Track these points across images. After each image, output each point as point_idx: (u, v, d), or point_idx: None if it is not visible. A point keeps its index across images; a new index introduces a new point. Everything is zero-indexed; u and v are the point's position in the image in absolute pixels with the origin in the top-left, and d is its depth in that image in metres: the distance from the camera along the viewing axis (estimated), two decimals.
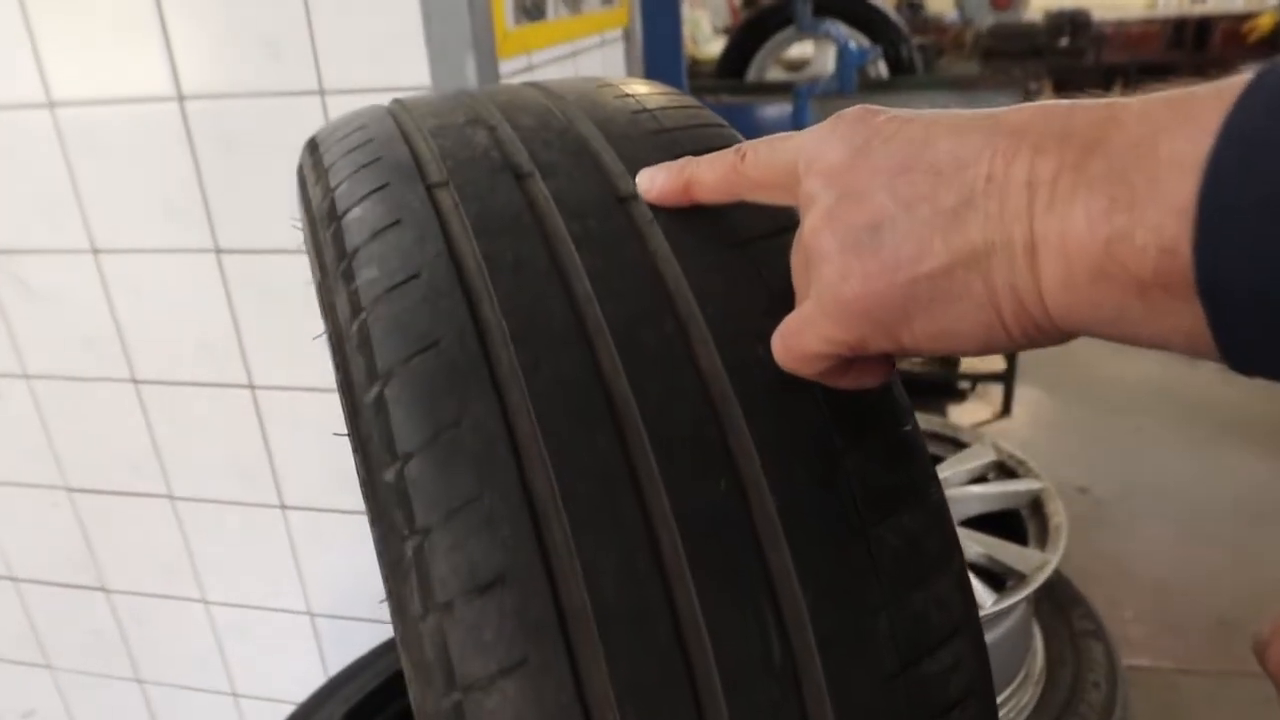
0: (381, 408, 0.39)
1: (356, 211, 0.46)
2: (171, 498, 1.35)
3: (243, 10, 1.02)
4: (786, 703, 0.36)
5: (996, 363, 3.16)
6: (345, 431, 0.45)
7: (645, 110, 0.53)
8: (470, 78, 0.97)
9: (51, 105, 1.12)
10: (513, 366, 0.39)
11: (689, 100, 0.57)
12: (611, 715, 0.34)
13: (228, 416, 1.26)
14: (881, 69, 3.00)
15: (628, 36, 1.62)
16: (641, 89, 0.58)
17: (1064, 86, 5.00)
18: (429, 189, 0.46)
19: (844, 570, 0.38)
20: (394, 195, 0.46)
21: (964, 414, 3.19)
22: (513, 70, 1.08)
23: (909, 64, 3.03)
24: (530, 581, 0.35)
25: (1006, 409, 3.15)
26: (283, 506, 1.30)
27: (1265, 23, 4.58)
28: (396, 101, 0.60)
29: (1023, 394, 3.21)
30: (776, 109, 2.16)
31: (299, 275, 1.07)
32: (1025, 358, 3.26)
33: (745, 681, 0.36)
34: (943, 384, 3.25)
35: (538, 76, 1.17)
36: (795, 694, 0.36)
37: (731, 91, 2.66)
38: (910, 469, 0.42)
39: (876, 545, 0.39)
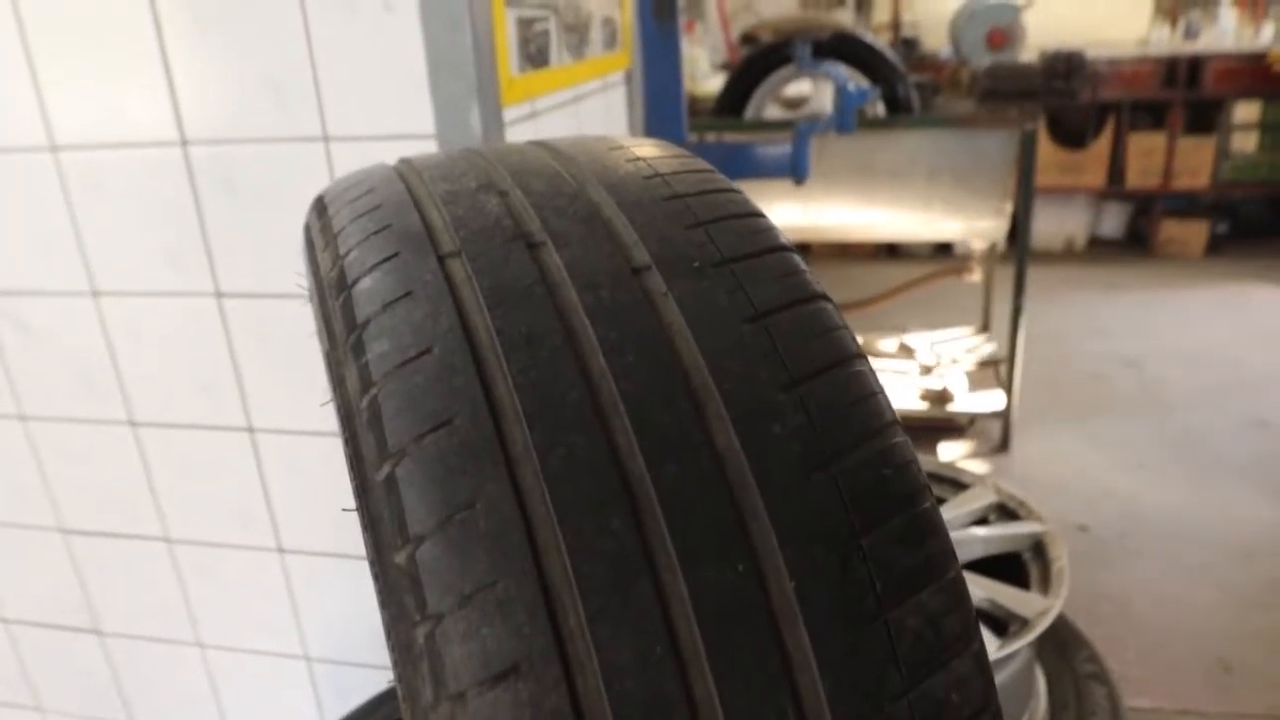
0: (393, 487, 0.39)
1: (367, 282, 0.45)
2: (168, 540, 1.33)
3: (247, 55, 1.02)
4: None
5: (995, 400, 3.15)
6: (352, 506, 0.44)
7: (658, 175, 0.53)
8: (475, 126, 0.97)
9: (54, 149, 1.12)
10: (527, 447, 0.38)
11: (700, 164, 0.57)
12: None
13: (226, 459, 1.25)
14: (880, 108, 3.03)
15: (629, 79, 1.63)
16: (653, 152, 0.57)
17: (1059, 124, 5.05)
18: (441, 259, 0.45)
19: (863, 657, 0.38)
20: (406, 265, 0.45)
21: (962, 450, 3.18)
22: (516, 116, 1.08)
23: (906, 103, 3.05)
24: (546, 672, 0.35)
25: (1004, 445, 3.15)
26: (280, 550, 1.29)
27: None
28: (404, 161, 0.60)
29: (1021, 431, 3.20)
30: (776, 147, 2.17)
31: (300, 319, 1.07)
32: (1024, 396, 3.27)
33: None
34: (942, 421, 3.24)
35: (541, 122, 1.18)
36: None
37: (732, 129, 2.68)
38: (929, 548, 0.41)
39: (896, 628, 0.39)
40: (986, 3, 3.60)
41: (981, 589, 1.47)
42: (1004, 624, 1.44)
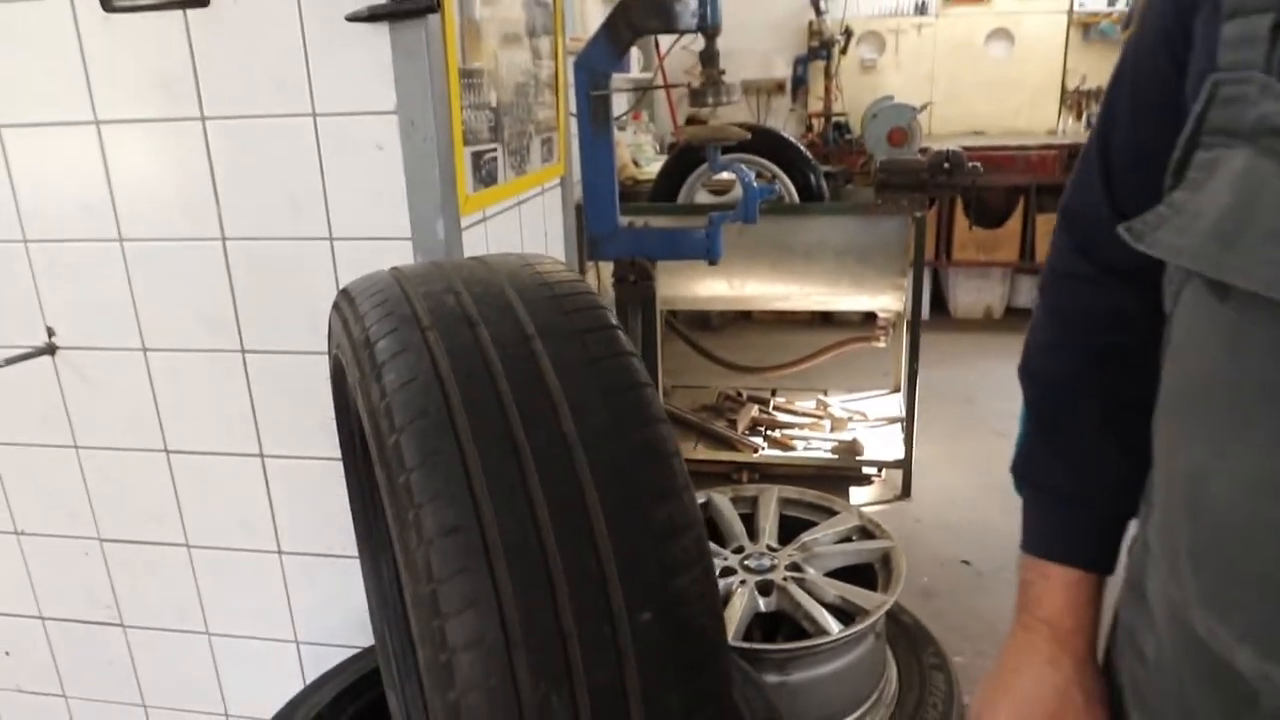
0: (397, 447, 0.77)
1: (382, 342, 0.84)
2: (188, 546, 1.68)
3: (275, 179, 1.41)
4: None
5: (896, 451, 3.57)
6: (350, 477, 0.82)
7: (545, 282, 0.93)
8: (440, 233, 1.36)
9: (122, 240, 1.50)
10: (465, 426, 0.77)
11: (572, 274, 0.97)
12: None
13: (241, 479, 1.60)
14: (794, 194, 3.48)
15: (563, 183, 2.04)
16: (545, 265, 0.97)
17: (979, 206, 5.57)
18: (422, 331, 0.84)
19: (647, 541, 0.76)
20: (402, 334, 0.84)
21: (869, 495, 3.58)
22: (471, 223, 1.48)
23: (818, 190, 3.51)
24: (472, 529, 0.73)
25: (906, 492, 3.56)
26: (280, 552, 1.64)
27: None
28: (396, 270, 0.99)
29: (923, 479, 3.61)
30: (694, 233, 2.59)
31: (305, 371, 1.44)
32: (930, 449, 3.69)
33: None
34: (853, 471, 3.65)
35: (490, 225, 1.58)
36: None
37: (657, 213, 3.11)
38: (673, 491, 0.80)
39: (661, 529, 0.77)
40: (887, 105, 4.12)
41: (836, 589, 1.86)
42: (852, 615, 1.82)
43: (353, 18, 1.28)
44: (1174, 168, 0.59)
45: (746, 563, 1.96)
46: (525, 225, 1.79)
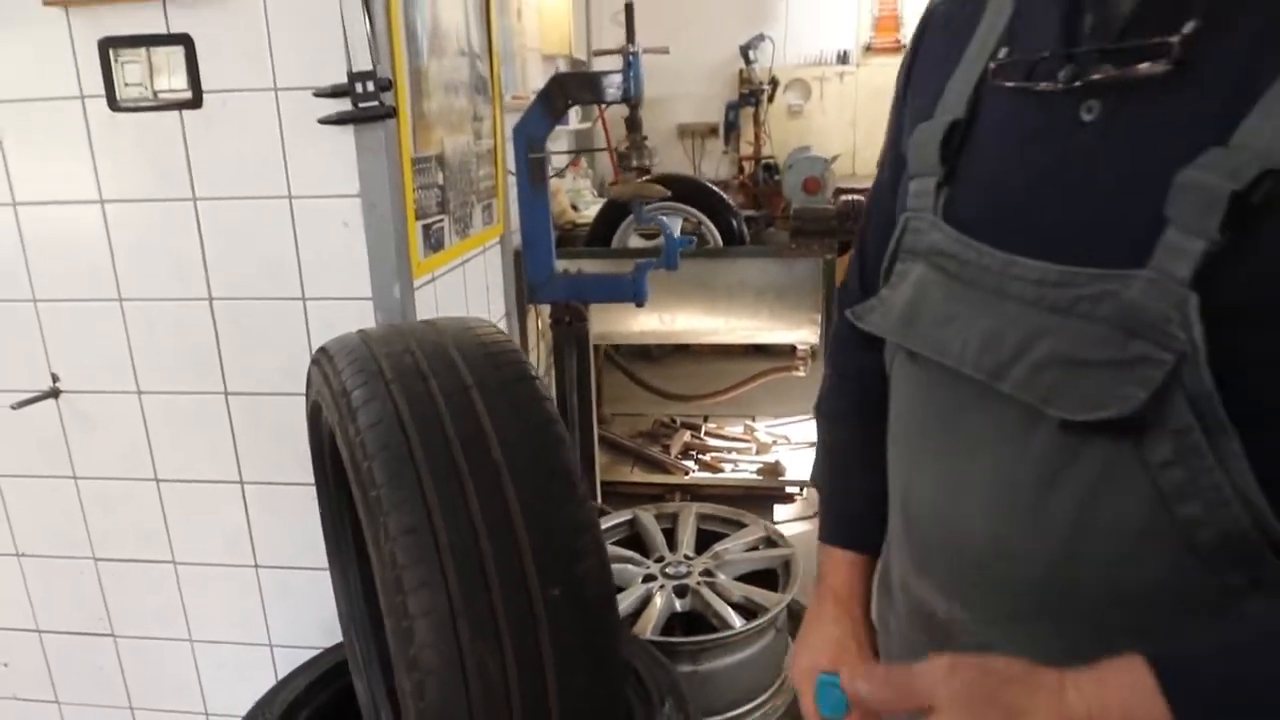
0: (370, 471, 1.05)
1: (356, 392, 1.12)
2: (175, 563, 1.93)
3: (257, 249, 1.68)
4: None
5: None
6: (321, 499, 1.09)
7: (481, 342, 1.22)
8: (396, 294, 1.64)
9: (121, 300, 1.76)
10: (419, 456, 1.05)
11: (504, 336, 1.26)
12: None
13: (222, 503, 1.86)
14: (718, 238, 3.81)
15: (503, 240, 2.34)
16: (483, 329, 1.26)
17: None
18: (386, 384, 1.12)
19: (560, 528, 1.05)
20: (371, 386, 1.12)
21: (791, 513, 3.90)
22: (422, 283, 1.76)
23: (739, 234, 3.84)
24: (425, 528, 1.01)
25: None
26: (256, 566, 1.90)
27: None
28: (364, 332, 1.27)
29: None
30: (622, 278, 2.89)
31: (280, 413, 1.71)
32: None
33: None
34: (776, 490, 3.96)
35: (439, 284, 1.86)
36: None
37: (592, 257, 3.42)
38: (568, 489, 1.09)
39: (570, 522, 1.06)
40: (802, 156, 4.49)
41: (742, 591, 2.16)
42: (755, 612, 2.12)
43: (324, 121, 1.57)
44: (884, 273, 0.89)
45: (666, 570, 2.25)
46: (469, 281, 2.08)
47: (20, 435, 1.89)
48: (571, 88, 2.74)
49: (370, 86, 1.53)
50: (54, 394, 1.85)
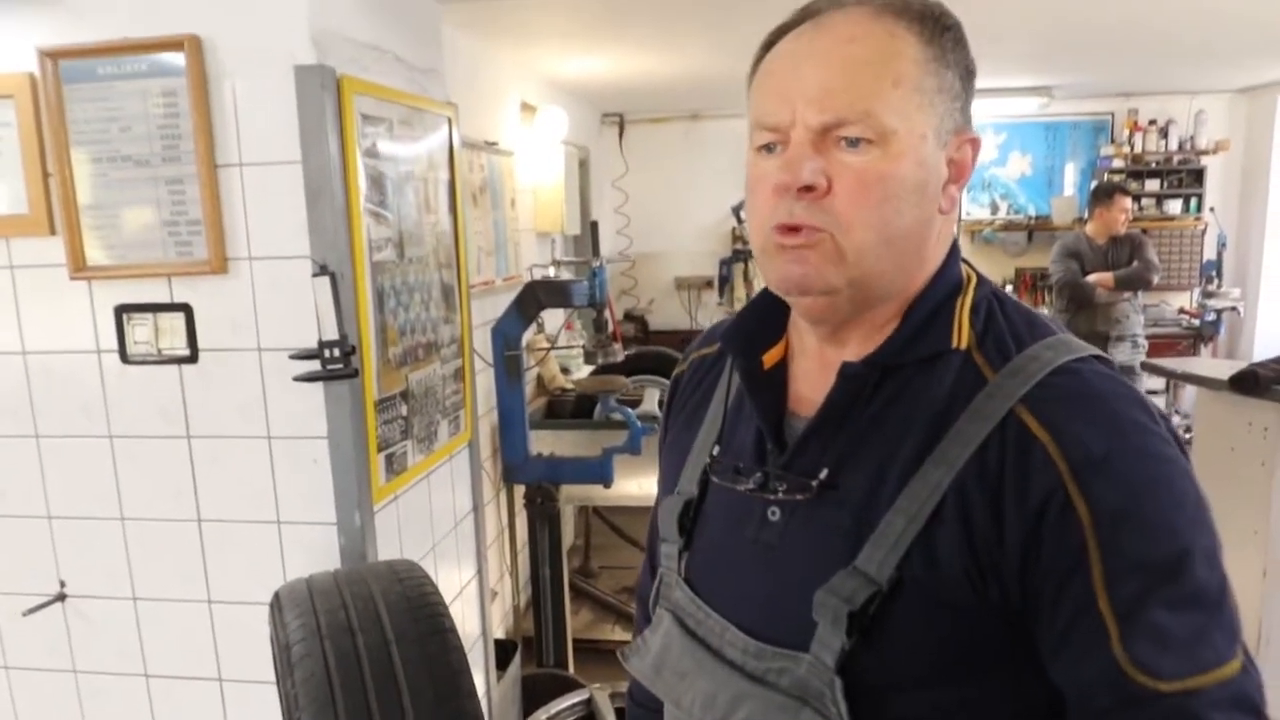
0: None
1: (295, 648, 1.36)
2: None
3: (239, 480, 1.95)
4: None
5: None
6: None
7: (405, 595, 1.46)
8: (358, 521, 1.90)
9: (123, 519, 2.02)
10: (342, 705, 1.28)
11: (427, 585, 1.50)
12: None
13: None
14: None
15: (471, 445, 2.60)
16: (410, 581, 1.50)
17: None
18: (321, 639, 1.36)
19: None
20: (308, 640, 1.36)
21: None
22: (383, 506, 2.02)
23: None
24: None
25: None
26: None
27: None
28: (310, 581, 1.52)
29: None
30: (591, 460, 3.14)
31: (255, 620, 1.94)
32: None
33: None
34: None
35: (401, 502, 2.12)
36: None
37: (567, 429, 3.69)
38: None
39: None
40: None
41: None
42: None
43: (298, 379, 1.86)
44: (651, 618, 1.05)
45: None
46: (434, 490, 2.34)
47: (26, 635, 2.13)
48: (544, 294, 3.06)
49: (336, 352, 1.82)
50: (60, 598, 2.10)
